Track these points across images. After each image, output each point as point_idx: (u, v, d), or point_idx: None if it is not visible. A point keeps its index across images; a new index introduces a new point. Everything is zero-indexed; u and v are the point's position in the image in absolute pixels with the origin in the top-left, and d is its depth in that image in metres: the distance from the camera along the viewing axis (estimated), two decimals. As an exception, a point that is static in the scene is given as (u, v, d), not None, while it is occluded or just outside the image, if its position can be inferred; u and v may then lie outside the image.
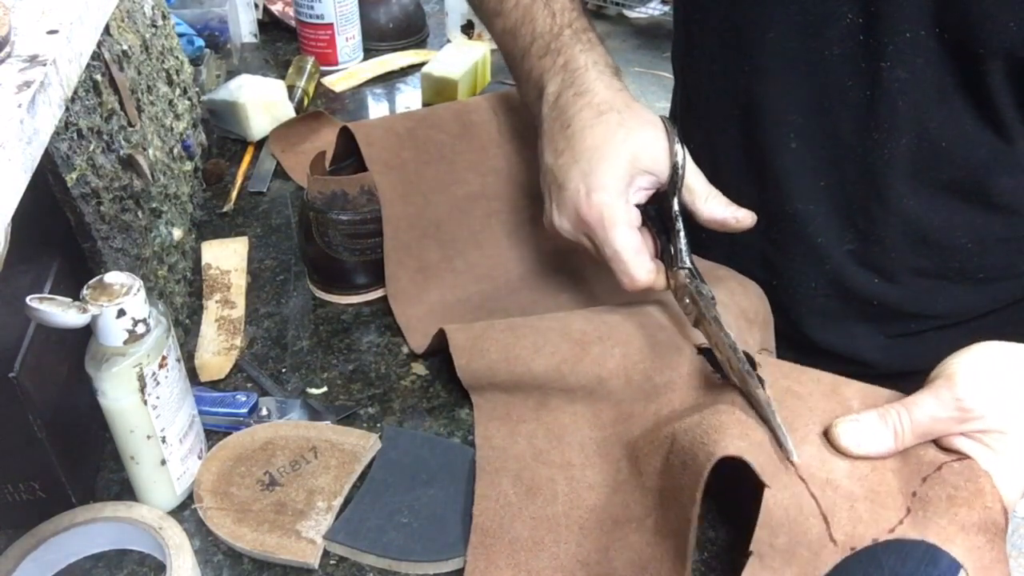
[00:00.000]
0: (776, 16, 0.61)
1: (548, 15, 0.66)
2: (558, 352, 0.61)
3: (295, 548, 0.56)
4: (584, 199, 0.59)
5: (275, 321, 0.77)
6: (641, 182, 0.60)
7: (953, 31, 0.54)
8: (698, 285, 0.58)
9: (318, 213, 0.74)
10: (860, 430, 0.50)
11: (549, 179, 0.63)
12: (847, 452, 0.50)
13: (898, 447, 0.50)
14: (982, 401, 0.48)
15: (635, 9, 3.54)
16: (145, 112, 0.76)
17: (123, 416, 0.54)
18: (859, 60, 0.59)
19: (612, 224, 0.58)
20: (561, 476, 0.59)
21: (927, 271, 0.67)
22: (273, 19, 1.29)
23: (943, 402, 0.49)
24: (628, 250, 0.58)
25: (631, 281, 0.59)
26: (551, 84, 0.64)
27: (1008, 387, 0.49)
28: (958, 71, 0.56)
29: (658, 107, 3.04)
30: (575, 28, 0.65)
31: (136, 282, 0.52)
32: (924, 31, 0.55)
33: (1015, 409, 0.48)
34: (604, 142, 0.59)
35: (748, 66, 0.64)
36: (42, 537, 0.54)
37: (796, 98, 0.63)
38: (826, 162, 0.64)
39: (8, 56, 0.41)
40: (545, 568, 0.55)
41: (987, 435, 0.49)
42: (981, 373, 0.49)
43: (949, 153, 0.60)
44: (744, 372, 0.52)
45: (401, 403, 0.69)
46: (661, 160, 0.59)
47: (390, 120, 0.82)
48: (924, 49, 0.56)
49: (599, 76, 0.62)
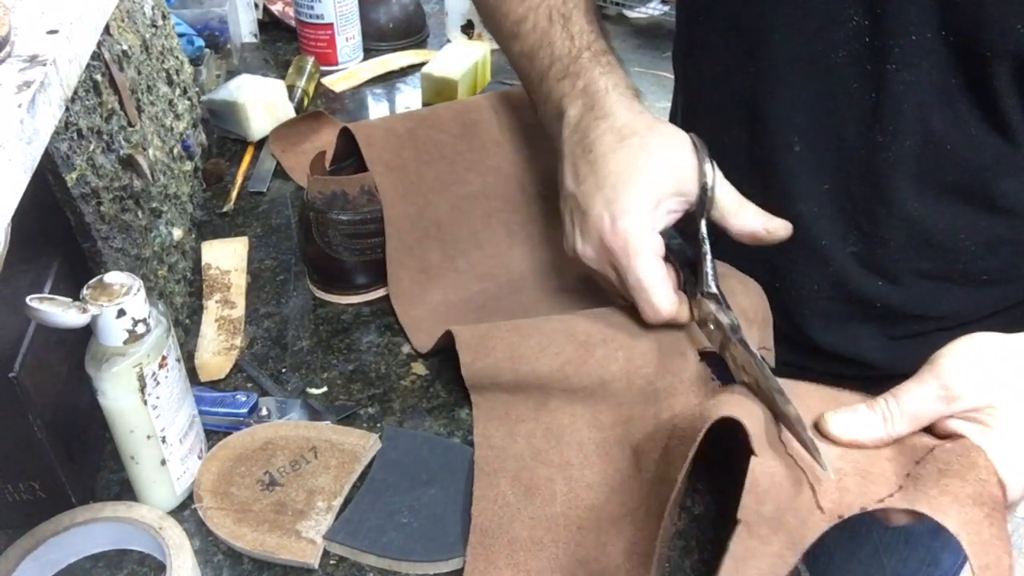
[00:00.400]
0: (781, 19, 0.61)
1: (566, 37, 0.66)
2: (563, 353, 0.61)
3: (295, 548, 0.56)
4: (609, 227, 0.58)
5: (275, 321, 0.77)
6: (669, 204, 0.59)
7: (959, 34, 0.54)
8: (723, 312, 0.57)
9: (318, 213, 0.74)
10: (848, 418, 0.50)
11: (571, 205, 0.62)
12: (835, 439, 0.50)
13: (889, 433, 0.50)
14: (965, 381, 0.48)
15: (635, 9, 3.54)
16: (145, 112, 0.76)
17: (123, 416, 0.54)
18: (864, 63, 0.58)
19: (636, 252, 0.57)
20: (560, 476, 0.59)
21: (931, 273, 0.66)
22: (273, 19, 1.29)
23: (927, 386, 0.49)
24: (652, 280, 0.57)
25: (654, 312, 0.58)
26: (571, 108, 0.64)
27: (991, 367, 0.49)
28: (963, 74, 0.56)
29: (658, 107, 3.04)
30: (594, 51, 0.65)
31: (136, 282, 0.52)
32: (930, 34, 0.55)
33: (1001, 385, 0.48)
34: (627, 167, 0.58)
35: (753, 68, 0.64)
36: (42, 537, 0.54)
37: (801, 100, 0.63)
38: (830, 164, 0.64)
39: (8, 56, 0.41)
40: (544, 568, 0.55)
41: (979, 412, 0.48)
42: (964, 357, 0.49)
43: (954, 156, 0.60)
44: (774, 391, 0.51)
45: (401, 403, 0.69)
46: (689, 180, 0.59)
47: (390, 120, 0.82)
48: (930, 52, 0.56)
49: (620, 99, 0.62)
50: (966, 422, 0.49)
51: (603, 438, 0.60)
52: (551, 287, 0.77)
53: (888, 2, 0.55)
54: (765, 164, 0.67)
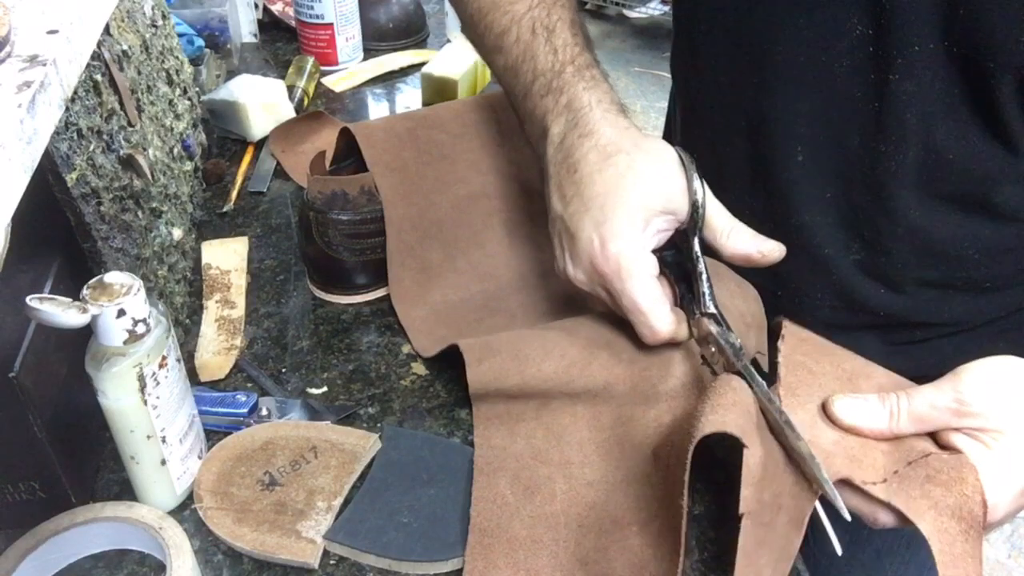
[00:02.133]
0: (785, 29, 0.60)
1: (549, 51, 0.64)
2: (567, 355, 0.61)
3: (295, 548, 0.56)
4: (599, 250, 0.57)
5: (275, 321, 0.77)
6: (659, 223, 0.58)
7: (962, 45, 0.54)
8: (725, 334, 0.56)
9: (318, 213, 0.74)
10: (856, 404, 0.50)
11: (559, 227, 0.60)
12: (838, 420, 0.50)
13: (892, 428, 0.50)
14: (983, 399, 0.48)
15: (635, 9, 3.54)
16: (145, 112, 0.76)
17: (123, 416, 0.54)
18: (867, 72, 0.58)
19: (629, 275, 0.56)
20: (560, 475, 0.59)
21: (934, 281, 0.66)
22: (273, 19, 1.29)
23: (943, 393, 0.49)
24: (648, 301, 0.56)
25: (652, 334, 0.57)
26: (555, 125, 0.62)
27: (1012, 392, 0.49)
28: (966, 84, 0.56)
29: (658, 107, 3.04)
30: (577, 65, 0.63)
31: (136, 282, 0.52)
32: (933, 44, 0.55)
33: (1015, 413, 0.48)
34: (615, 188, 0.57)
35: (756, 78, 0.64)
36: (42, 537, 0.54)
37: (804, 110, 0.62)
38: (833, 174, 0.64)
39: (8, 56, 0.41)
40: (544, 567, 0.55)
41: (985, 433, 0.49)
42: (988, 376, 0.49)
43: (956, 165, 0.60)
44: (783, 424, 0.50)
45: (401, 403, 0.69)
46: (678, 198, 0.58)
47: (391, 121, 0.82)
48: (933, 62, 0.56)
49: (604, 115, 0.60)
50: (969, 439, 0.49)
51: (604, 438, 0.60)
52: (552, 287, 0.77)
53: (892, 13, 0.55)
54: (768, 174, 0.67)
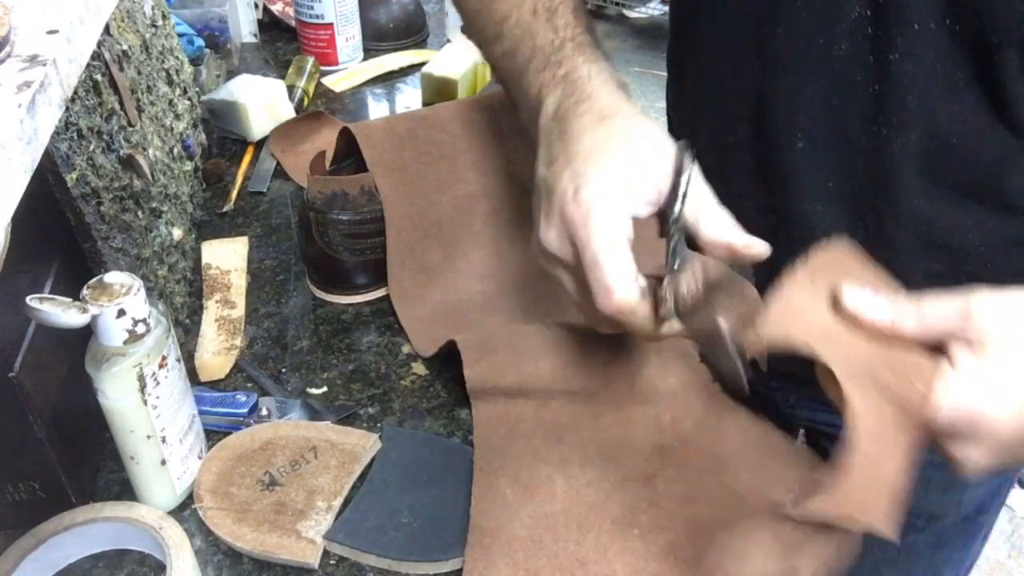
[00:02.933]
0: (784, 11, 0.60)
1: (550, 29, 0.62)
2: (565, 353, 0.61)
3: (295, 548, 0.56)
4: (571, 197, 0.52)
5: (275, 321, 0.77)
6: (644, 194, 0.54)
7: (964, 21, 0.53)
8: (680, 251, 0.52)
9: (318, 213, 0.74)
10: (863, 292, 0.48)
11: (541, 190, 0.56)
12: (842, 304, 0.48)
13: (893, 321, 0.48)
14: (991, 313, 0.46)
15: (635, 9, 3.54)
16: (145, 112, 0.76)
17: (123, 416, 0.54)
18: (867, 54, 0.57)
19: (597, 225, 0.51)
20: (559, 474, 0.59)
21: (938, 274, 0.65)
22: (273, 19, 1.29)
23: (953, 302, 0.47)
24: (609, 257, 0.50)
25: (605, 293, 0.50)
26: (550, 97, 0.59)
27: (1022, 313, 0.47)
28: (969, 64, 0.55)
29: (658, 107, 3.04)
30: (578, 42, 0.61)
31: (136, 282, 0.52)
32: (933, 23, 0.54)
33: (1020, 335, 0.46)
34: (603, 144, 0.54)
35: (758, 63, 0.63)
36: (42, 537, 0.54)
37: (805, 95, 0.62)
38: (834, 161, 0.63)
39: (8, 56, 0.41)
40: (544, 567, 0.55)
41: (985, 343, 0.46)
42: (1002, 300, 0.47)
43: (960, 150, 0.59)
44: None
45: (401, 403, 0.69)
46: (665, 176, 0.54)
47: (391, 121, 0.82)
48: (934, 41, 0.54)
49: (603, 84, 0.58)
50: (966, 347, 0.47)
51: (604, 438, 0.60)
52: (552, 286, 0.77)
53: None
54: (769, 162, 0.66)
